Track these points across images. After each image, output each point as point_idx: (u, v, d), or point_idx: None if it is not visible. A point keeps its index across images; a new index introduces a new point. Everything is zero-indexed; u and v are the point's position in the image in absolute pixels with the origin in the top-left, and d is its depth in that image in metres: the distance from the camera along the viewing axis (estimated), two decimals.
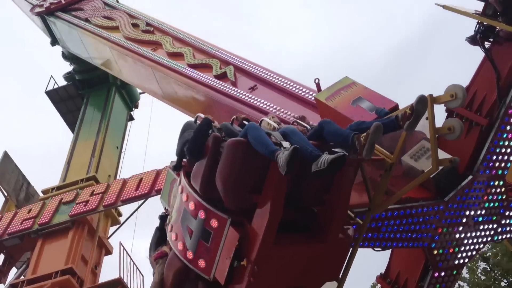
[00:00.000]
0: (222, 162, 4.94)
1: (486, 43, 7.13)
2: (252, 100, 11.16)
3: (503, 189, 7.29)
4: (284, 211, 4.92)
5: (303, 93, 10.62)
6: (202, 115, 5.65)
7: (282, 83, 11.40)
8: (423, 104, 5.37)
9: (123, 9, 18.48)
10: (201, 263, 5.16)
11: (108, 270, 16.33)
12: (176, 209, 5.54)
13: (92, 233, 16.49)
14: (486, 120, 7.06)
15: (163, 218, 6.32)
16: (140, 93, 24.65)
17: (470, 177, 6.99)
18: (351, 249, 5.82)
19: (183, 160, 5.63)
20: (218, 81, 12.51)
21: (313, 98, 9.30)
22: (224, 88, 12.12)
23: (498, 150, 7.09)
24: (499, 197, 7.30)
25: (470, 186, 6.99)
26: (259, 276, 4.94)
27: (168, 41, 14.96)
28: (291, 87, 11.12)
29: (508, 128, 7.06)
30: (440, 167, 5.82)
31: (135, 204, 16.49)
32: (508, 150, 7.13)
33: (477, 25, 7.09)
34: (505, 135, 7.06)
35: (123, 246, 15.40)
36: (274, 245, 4.93)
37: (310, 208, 5.42)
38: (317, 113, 8.71)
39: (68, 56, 23.34)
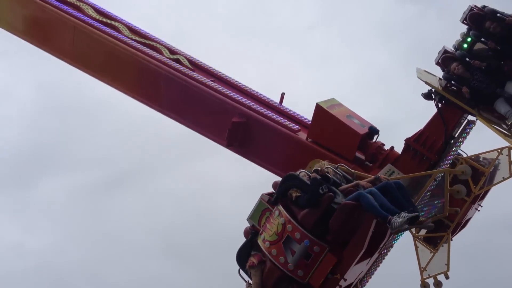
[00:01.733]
0: (338, 216, 7.47)
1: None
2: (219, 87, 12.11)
3: None
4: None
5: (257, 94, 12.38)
6: (305, 171, 8.28)
7: (239, 84, 12.51)
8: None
9: None
10: (300, 273, 7.69)
11: None
12: (274, 232, 7.83)
13: None
14: (436, 157, 10.09)
15: (255, 234, 8.38)
16: None
17: None
18: None
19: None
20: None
21: (268, 99, 12.16)
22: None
23: None
24: None
25: None
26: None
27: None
28: (247, 88, 12.42)
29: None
30: None
31: None
32: None
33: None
34: None
35: None
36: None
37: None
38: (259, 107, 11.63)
39: None
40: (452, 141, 10.34)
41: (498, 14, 9.68)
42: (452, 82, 10.04)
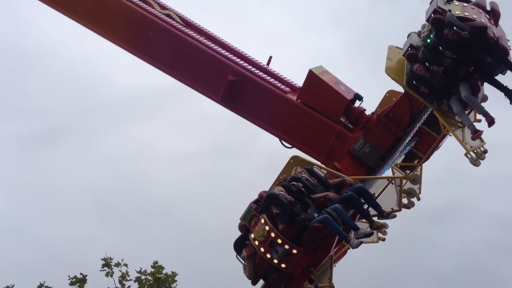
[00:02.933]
0: (309, 234, 9.51)
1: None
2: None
3: None
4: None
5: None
6: (283, 189, 9.87)
7: (229, 44, 13.20)
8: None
9: None
10: (283, 265, 9.71)
11: None
12: (261, 235, 9.73)
13: None
14: (402, 131, 11.72)
15: (247, 231, 10.17)
16: None
17: None
18: None
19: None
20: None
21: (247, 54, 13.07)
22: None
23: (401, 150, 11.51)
24: None
25: None
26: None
27: None
28: (238, 49, 13.12)
29: (410, 141, 11.46)
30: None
31: None
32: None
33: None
34: (407, 144, 11.46)
35: None
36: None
37: None
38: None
39: None
40: (416, 119, 11.71)
41: (455, 28, 10.48)
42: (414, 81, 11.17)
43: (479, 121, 11.25)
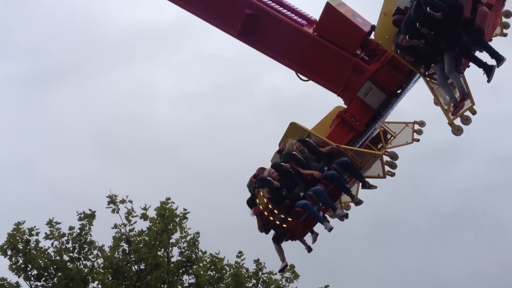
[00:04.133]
0: (293, 216, 10.71)
1: None
2: None
3: None
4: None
5: None
6: (273, 170, 10.96)
7: None
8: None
9: None
10: (284, 225, 10.93)
11: None
12: (263, 203, 10.78)
13: None
14: (404, 79, 11.99)
15: (254, 195, 11.36)
16: None
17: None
18: None
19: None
20: None
21: None
22: None
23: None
24: None
25: None
26: None
27: None
28: None
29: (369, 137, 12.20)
30: None
31: None
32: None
33: None
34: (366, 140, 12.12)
35: None
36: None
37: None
38: None
39: None
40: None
41: (428, 9, 10.06)
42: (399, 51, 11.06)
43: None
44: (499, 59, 10.26)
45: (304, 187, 10.75)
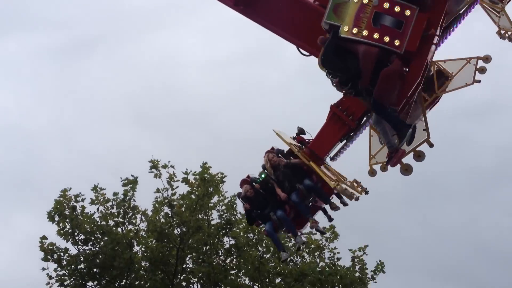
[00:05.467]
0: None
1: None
2: None
3: None
4: None
5: None
6: (249, 188, 10.45)
7: None
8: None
9: None
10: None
11: None
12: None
13: None
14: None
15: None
16: None
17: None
18: None
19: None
20: None
21: None
22: None
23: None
24: None
25: None
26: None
27: None
28: None
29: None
30: None
31: None
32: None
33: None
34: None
35: None
36: None
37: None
38: None
39: None
40: None
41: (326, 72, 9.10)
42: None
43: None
44: (402, 137, 9.13)
45: (275, 206, 10.35)
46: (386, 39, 8.39)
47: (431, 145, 10.55)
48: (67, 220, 18.60)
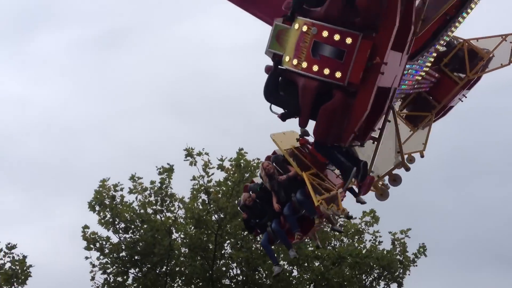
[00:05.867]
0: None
1: None
2: None
3: None
4: None
5: None
6: (248, 196, 10.20)
7: None
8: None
9: None
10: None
11: None
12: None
13: None
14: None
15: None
16: None
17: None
18: None
19: None
20: None
21: None
22: None
23: None
24: None
25: None
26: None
27: None
28: None
29: None
30: None
31: None
32: None
33: None
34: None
35: None
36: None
37: None
38: None
39: None
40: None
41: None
42: None
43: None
44: (346, 178, 8.60)
45: (272, 216, 10.07)
46: (326, 71, 7.38)
47: (407, 169, 9.83)
48: (107, 210, 19.01)
